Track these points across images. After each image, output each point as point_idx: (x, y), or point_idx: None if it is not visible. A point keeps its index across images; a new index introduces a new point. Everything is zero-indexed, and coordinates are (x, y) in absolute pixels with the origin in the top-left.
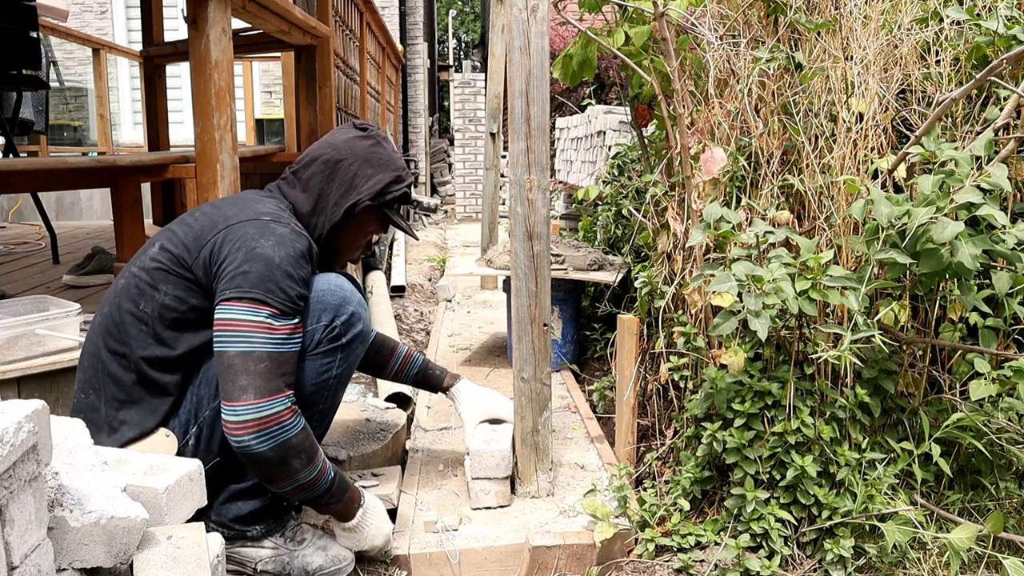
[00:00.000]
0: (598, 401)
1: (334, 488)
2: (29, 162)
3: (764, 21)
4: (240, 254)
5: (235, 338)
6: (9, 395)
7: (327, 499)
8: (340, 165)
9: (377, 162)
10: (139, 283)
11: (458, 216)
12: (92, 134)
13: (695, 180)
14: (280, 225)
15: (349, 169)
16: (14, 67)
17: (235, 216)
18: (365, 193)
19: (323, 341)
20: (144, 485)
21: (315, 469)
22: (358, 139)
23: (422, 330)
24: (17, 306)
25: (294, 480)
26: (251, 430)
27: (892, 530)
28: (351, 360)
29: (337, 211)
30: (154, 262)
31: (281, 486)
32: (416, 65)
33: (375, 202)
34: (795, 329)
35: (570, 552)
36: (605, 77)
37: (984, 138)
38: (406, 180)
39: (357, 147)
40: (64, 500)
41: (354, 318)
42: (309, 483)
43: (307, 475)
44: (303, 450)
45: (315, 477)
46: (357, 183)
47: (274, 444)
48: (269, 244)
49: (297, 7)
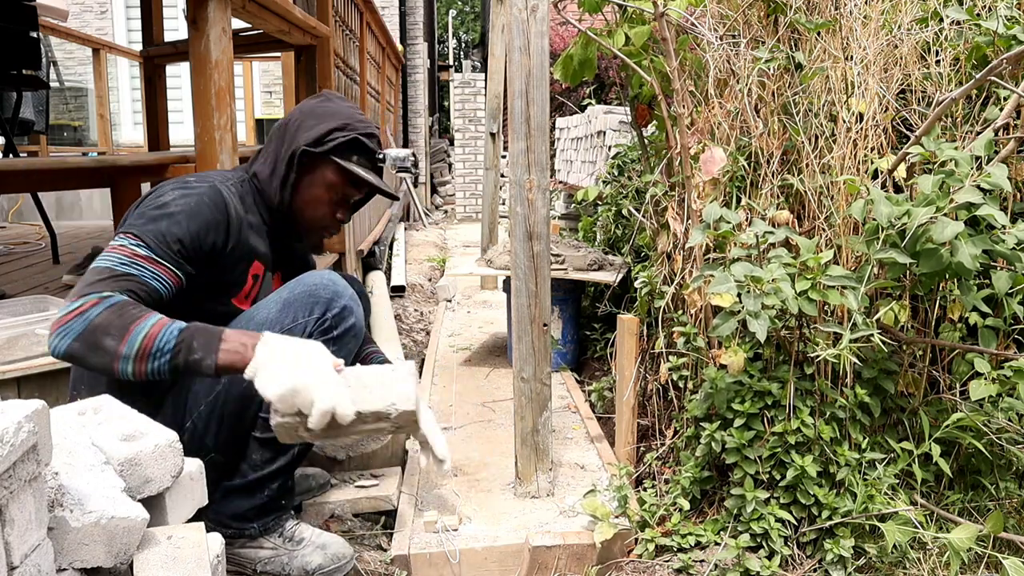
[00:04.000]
0: (598, 401)
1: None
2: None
3: (764, 21)
4: (146, 200)
5: (100, 258)
6: (9, 395)
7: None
8: (288, 124)
9: (322, 114)
10: None
11: (458, 216)
12: (92, 134)
13: (695, 180)
14: (199, 183)
15: (295, 124)
16: (14, 67)
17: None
18: (302, 140)
19: (314, 334)
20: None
21: (140, 333)
22: (309, 100)
23: (422, 330)
24: (17, 306)
25: (123, 358)
26: (55, 328)
27: (892, 530)
28: (343, 354)
29: (281, 165)
30: None
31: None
32: (416, 65)
33: (316, 148)
34: (795, 329)
35: (570, 552)
36: (605, 77)
37: (984, 138)
38: (356, 129)
39: (305, 106)
40: (64, 500)
41: (346, 311)
42: (141, 351)
43: (132, 343)
44: (111, 325)
45: (144, 343)
46: (298, 134)
47: (74, 335)
48: (175, 195)
49: (297, 7)
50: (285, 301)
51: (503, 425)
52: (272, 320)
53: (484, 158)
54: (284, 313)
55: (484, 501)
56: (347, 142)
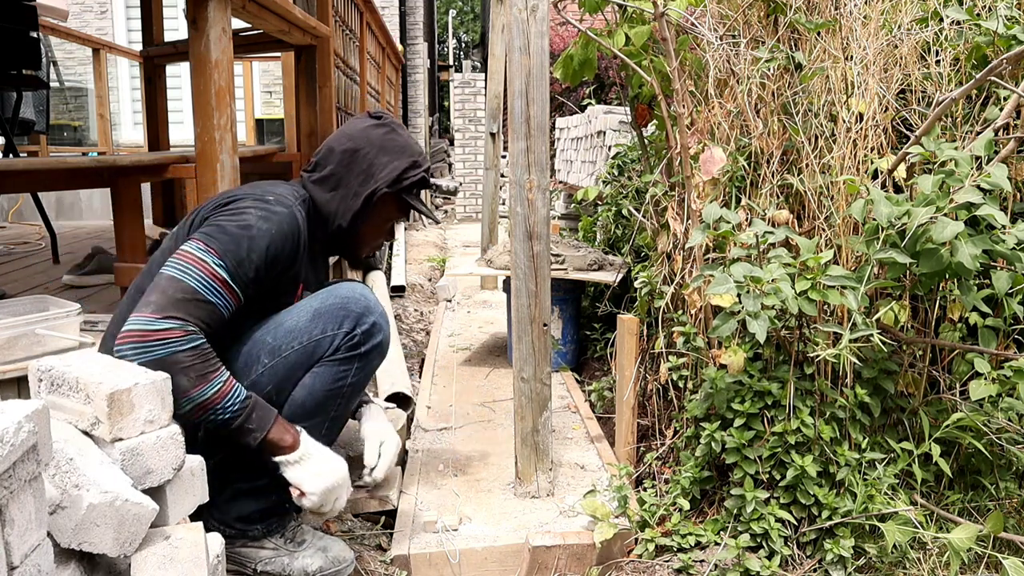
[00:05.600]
0: (598, 401)
1: (247, 411)
2: (29, 162)
3: (764, 21)
4: (227, 212)
5: (176, 265)
6: (9, 395)
7: (241, 423)
8: (357, 155)
9: (393, 149)
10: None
11: (458, 216)
12: (92, 134)
13: (695, 180)
14: (279, 205)
15: (366, 158)
16: (14, 67)
17: (240, 190)
18: (383, 181)
19: (341, 347)
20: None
21: (211, 388)
22: (373, 127)
23: (422, 330)
24: (17, 306)
25: (189, 399)
26: (132, 339)
27: (892, 530)
28: (367, 371)
29: (357, 201)
30: (169, 247)
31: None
32: (416, 65)
33: (393, 189)
34: (795, 329)
35: (570, 552)
36: (605, 77)
37: (984, 138)
38: (423, 165)
39: (373, 135)
40: (80, 481)
41: (375, 328)
42: (207, 402)
43: (202, 393)
44: (191, 367)
45: (213, 397)
46: (374, 171)
47: (152, 358)
48: (258, 215)
49: (297, 7)
50: (316, 311)
51: (503, 425)
52: (301, 329)
53: (484, 158)
54: (314, 323)
55: (484, 501)
56: (418, 181)
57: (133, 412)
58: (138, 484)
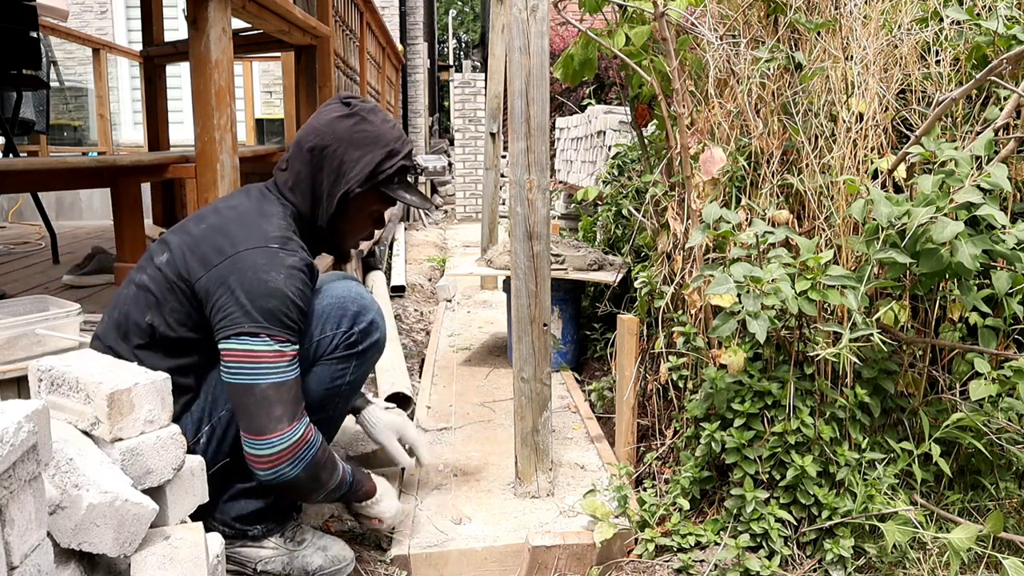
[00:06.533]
0: (598, 401)
1: (354, 483)
2: (29, 162)
3: (764, 21)
4: (254, 288)
5: (261, 370)
6: (9, 395)
7: (349, 494)
8: (325, 153)
9: (363, 142)
10: (147, 296)
11: (458, 216)
12: (92, 134)
13: (695, 180)
14: (288, 253)
15: (335, 156)
16: (14, 67)
17: (243, 241)
18: (354, 180)
19: (339, 346)
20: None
21: (338, 474)
22: (339, 119)
23: (422, 330)
24: (17, 306)
25: (324, 490)
26: (287, 457)
27: (892, 530)
28: (365, 369)
29: (331, 203)
30: (160, 274)
31: (314, 498)
32: (416, 65)
33: (367, 186)
34: (795, 329)
35: (570, 552)
36: (605, 77)
37: (984, 138)
38: (400, 152)
39: (340, 129)
40: (80, 481)
41: (372, 327)
42: (336, 487)
43: (334, 482)
44: (327, 461)
45: (339, 482)
46: (344, 170)
47: (304, 465)
48: (281, 278)
49: (297, 7)
50: (315, 314)
51: (503, 425)
52: (305, 331)
53: (484, 158)
54: (315, 326)
55: (484, 501)
56: (396, 171)
57: (133, 412)
58: (138, 484)
